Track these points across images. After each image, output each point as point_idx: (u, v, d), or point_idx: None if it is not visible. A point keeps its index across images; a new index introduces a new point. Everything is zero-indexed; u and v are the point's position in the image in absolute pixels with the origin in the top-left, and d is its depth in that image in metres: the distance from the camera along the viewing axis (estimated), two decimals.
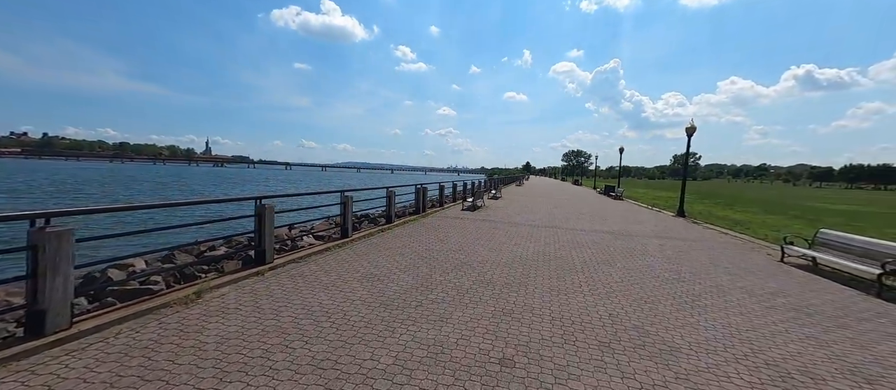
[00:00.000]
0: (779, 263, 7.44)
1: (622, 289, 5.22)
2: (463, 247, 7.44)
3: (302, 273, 5.04)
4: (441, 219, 11.33)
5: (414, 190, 12.02)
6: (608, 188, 30.53)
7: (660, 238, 9.92)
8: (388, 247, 7.11)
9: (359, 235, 7.79)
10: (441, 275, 5.41)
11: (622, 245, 8.60)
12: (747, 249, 8.87)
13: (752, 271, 6.67)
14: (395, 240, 7.76)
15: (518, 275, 5.69)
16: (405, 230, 9.09)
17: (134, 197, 26.92)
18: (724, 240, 9.99)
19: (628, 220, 13.58)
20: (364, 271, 5.36)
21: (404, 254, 6.55)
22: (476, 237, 8.68)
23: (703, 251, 8.37)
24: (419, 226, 9.94)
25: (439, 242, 7.84)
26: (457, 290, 4.79)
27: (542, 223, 11.68)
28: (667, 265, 6.83)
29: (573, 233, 9.92)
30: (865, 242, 6.31)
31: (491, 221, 11.52)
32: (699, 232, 11.47)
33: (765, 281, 6.03)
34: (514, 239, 8.71)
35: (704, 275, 6.21)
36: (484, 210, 14.63)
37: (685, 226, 12.83)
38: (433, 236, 8.51)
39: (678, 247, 8.64)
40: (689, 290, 5.33)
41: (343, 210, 7.18)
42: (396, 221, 10.06)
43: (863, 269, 5.85)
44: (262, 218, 4.90)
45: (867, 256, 6.10)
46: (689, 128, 16.05)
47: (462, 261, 6.30)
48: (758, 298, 5.11)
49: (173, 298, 3.69)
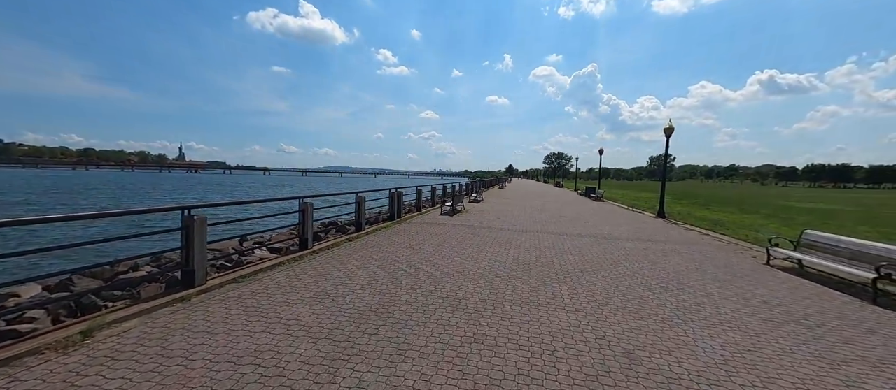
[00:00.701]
0: (765, 266, 7.16)
1: (608, 302, 4.70)
2: (436, 258, 6.81)
3: (239, 296, 4.28)
4: (417, 225, 10.67)
5: (388, 195, 11.30)
6: (589, 190, 30.61)
7: (643, 241, 9.59)
8: (352, 258, 6.40)
9: (321, 246, 7.04)
10: (407, 293, 4.76)
11: (605, 250, 8.17)
12: (730, 251, 8.61)
13: (740, 276, 6.33)
14: (362, 251, 7.05)
15: (495, 288, 5.10)
16: (376, 238, 8.38)
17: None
18: (706, 242, 9.75)
19: (610, 223, 13.30)
20: (317, 290, 4.64)
21: (369, 267, 5.86)
22: (452, 245, 8.06)
23: (687, 254, 8.05)
24: (392, 233, 9.25)
25: (411, 252, 7.18)
26: (423, 311, 4.15)
27: (523, 227, 11.20)
28: (653, 271, 6.41)
29: (554, 238, 9.46)
30: (854, 244, 6.06)
31: (470, 226, 10.94)
32: (681, 233, 11.25)
33: (755, 287, 5.67)
34: (492, 245, 8.15)
35: (693, 282, 5.80)
36: (464, 214, 14.06)
37: (666, 227, 12.63)
38: (405, 245, 7.84)
39: (662, 251, 8.29)
40: (679, 301, 4.88)
41: (302, 218, 6.42)
42: (367, 229, 9.34)
43: (854, 273, 5.57)
44: (190, 231, 4.12)
45: (857, 258, 5.83)
46: (667, 129, 16.01)
47: (433, 274, 5.67)
48: (752, 309, 4.70)
49: (48, 341, 2.87)
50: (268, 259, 5.75)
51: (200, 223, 4.20)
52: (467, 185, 24.94)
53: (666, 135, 16.00)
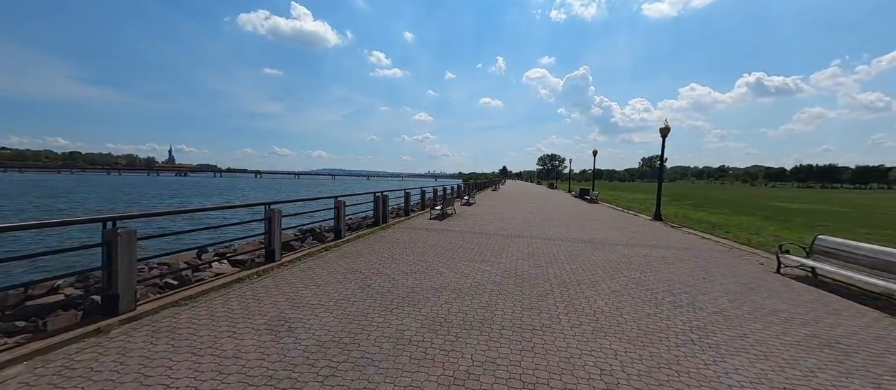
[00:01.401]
0: (775, 275, 6.62)
1: (612, 324, 4.09)
2: (420, 268, 6.15)
3: (174, 325, 3.57)
4: (403, 231, 10.00)
5: (372, 198, 10.62)
6: (583, 191, 30.20)
7: (642, 246, 9.04)
8: (324, 271, 5.70)
9: (293, 257, 6.34)
10: (381, 314, 4.09)
11: (604, 257, 7.59)
12: (735, 257, 8.09)
13: (752, 287, 5.77)
14: (338, 262, 6.36)
15: (482, 307, 4.46)
16: (355, 247, 7.69)
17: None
18: (708, 247, 9.23)
19: (606, 226, 12.76)
20: (272, 315, 3.95)
21: (341, 283, 5.17)
22: (439, 253, 7.41)
23: (691, 261, 7.49)
24: (375, 240, 8.56)
25: (392, 262, 6.51)
26: (395, 340, 3.49)
27: (516, 232, 10.59)
28: (658, 283, 5.83)
29: (549, 244, 8.86)
30: (875, 251, 5.53)
31: (459, 232, 10.31)
32: (681, 237, 10.74)
33: (772, 301, 5.11)
34: (483, 253, 7.52)
35: (703, 296, 5.22)
36: (454, 218, 13.42)
37: (664, 230, 12.13)
38: (387, 254, 7.17)
39: (664, 258, 7.73)
40: (691, 320, 4.28)
41: (268, 227, 5.72)
42: (348, 236, 8.64)
43: (878, 284, 5.04)
44: (113, 248, 3.41)
45: (880, 268, 5.31)
46: (663, 129, 15.58)
47: (414, 289, 5.01)
48: (776, 329, 4.12)
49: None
50: (226, 274, 5.04)
51: (127, 237, 3.49)
52: (459, 188, 24.32)
53: (662, 136, 15.57)
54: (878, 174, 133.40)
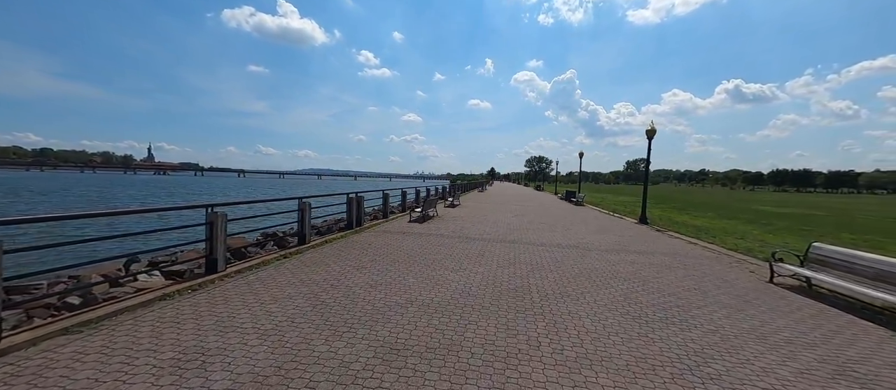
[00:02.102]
0: (768, 285, 6.23)
1: (598, 348, 3.54)
2: (387, 279, 5.50)
3: (48, 363, 2.82)
4: (377, 235, 9.32)
5: (346, 199, 9.89)
6: (569, 193, 30.01)
7: (628, 252, 8.59)
8: (273, 285, 4.99)
9: (242, 266, 5.60)
10: (327, 340, 3.43)
11: (589, 265, 7.09)
12: (725, 265, 7.71)
13: (746, 299, 5.33)
14: (294, 273, 5.66)
15: (451, 328, 3.85)
16: (319, 254, 6.98)
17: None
18: (696, 254, 8.86)
19: (592, 229, 12.35)
20: (190, 344, 3.23)
21: (290, 299, 4.48)
22: (412, 260, 6.78)
23: (680, 269, 7.06)
24: (343, 246, 7.86)
25: (357, 272, 5.84)
26: (336, 378, 2.84)
27: (499, 236, 10.04)
28: (647, 295, 5.33)
29: (533, 250, 8.32)
30: (878, 262, 5.16)
31: (439, 236, 9.69)
32: (667, 242, 10.37)
33: (770, 317, 4.66)
34: (461, 260, 6.92)
35: (696, 311, 4.74)
36: (436, 221, 12.79)
37: (650, 235, 11.78)
38: (353, 262, 6.49)
39: (652, 266, 7.28)
40: (686, 343, 3.77)
41: (210, 233, 4.98)
42: (315, 241, 7.91)
43: (882, 298, 4.64)
44: None
45: (883, 280, 4.93)
46: (649, 131, 15.33)
47: (375, 307, 4.36)
48: (781, 353, 3.63)
49: None
50: (151, 289, 4.28)
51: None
52: (444, 189, 23.72)
53: (648, 138, 15.31)
54: (848, 179, 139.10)
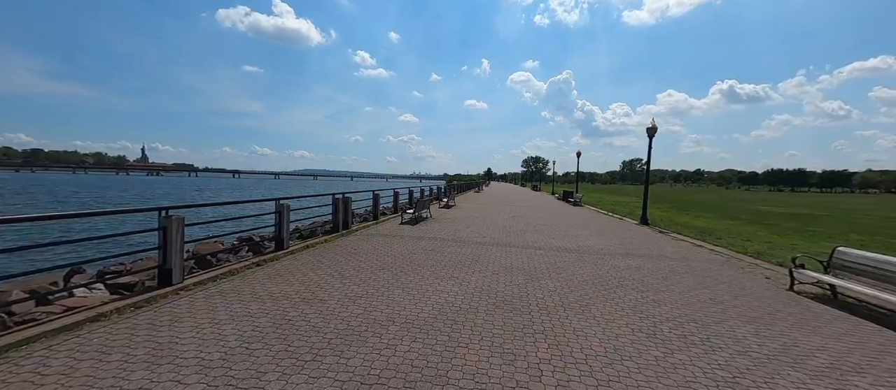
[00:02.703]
0: (789, 293, 5.69)
1: (611, 377, 2.96)
2: (369, 290, 4.90)
3: None
4: (365, 239, 8.71)
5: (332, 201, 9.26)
6: (566, 194, 29.53)
7: (634, 256, 8.04)
8: (236, 299, 4.37)
9: (203, 277, 4.96)
10: (282, 376, 2.82)
11: (592, 271, 6.52)
12: (737, 270, 7.17)
13: (772, 313, 4.77)
14: (263, 283, 5.03)
15: (437, 353, 3.26)
16: (297, 261, 6.35)
17: None
18: (704, 257, 8.32)
19: (592, 231, 11.80)
20: (105, 385, 2.61)
21: (252, 316, 3.86)
22: (400, 267, 6.18)
23: (691, 275, 6.51)
24: (326, 251, 7.24)
25: (336, 282, 5.23)
26: None
27: (495, 239, 9.46)
28: (658, 307, 4.77)
29: (530, 255, 7.75)
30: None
31: (431, 239, 9.09)
32: (672, 245, 9.84)
33: (802, 334, 4.10)
34: (452, 267, 6.33)
35: (717, 327, 4.17)
36: (429, 223, 12.20)
37: (654, 237, 11.24)
38: (334, 270, 5.87)
39: (660, 271, 6.73)
40: (714, 370, 3.19)
41: (163, 240, 4.34)
42: (294, 246, 7.28)
43: None
44: None
45: None
46: (650, 129, 14.84)
47: (349, 326, 3.76)
48: (825, 383, 3.07)
49: None
50: (85, 308, 3.63)
51: None
52: (439, 189, 23.13)
53: (649, 136, 14.82)
54: (842, 179, 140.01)
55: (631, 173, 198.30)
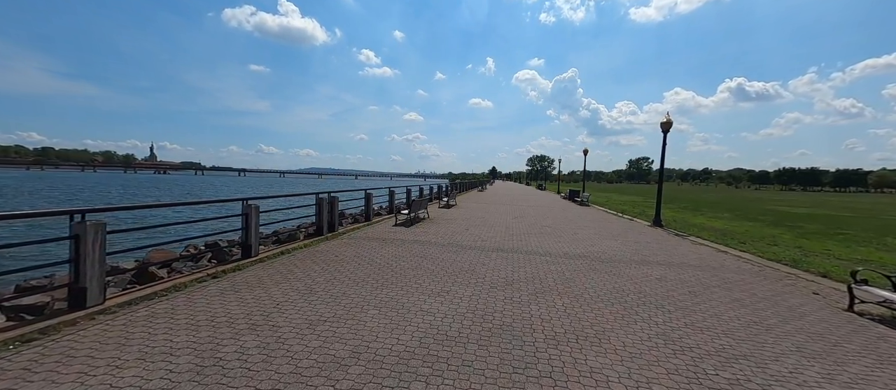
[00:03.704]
0: (849, 314, 4.72)
1: None
2: (338, 312, 4.03)
3: None
4: (350, 244, 7.84)
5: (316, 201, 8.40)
6: (572, 193, 28.47)
7: (652, 264, 7.09)
8: (163, 326, 3.51)
9: (140, 293, 4.12)
10: None
11: (607, 283, 5.59)
12: (775, 282, 6.19)
13: (838, 344, 3.82)
14: (211, 302, 4.18)
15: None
16: (264, 271, 5.50)
17: None
18: (733, 266, 7.33)
19: (602, 234, 10.84)
20: None
21: (172, 353, 3.00)
22: (384, 279, 5.30)
23: (722, 289, 5.55)
24: (302, 258, 6.38)
25: (301, 301, 4.37)
26: None
27: (496, 244, 8.55)
28: (693, 334, 3.84)
29: (535, 263, 6.83)
30: None
31: (425, 243, 8.21)
32: (693, 251, 8.85)
33: (888, 374, 3.15)
34: (444, 278, 5.43)
35: (776, 366, 3.23)
36: (426, 224, 11.31)
37: (670, 240, 10.25)
38: (304, 283, 5.01)
39: (685, 284, 5.77)
40: None
41: (76, 252, 3.48)
42: (266, 252, 6.44)
43: None
44: None
45: None
46: (664, 124, 13.83)
47: (299, 366, 2.89)
48: None
49: None
50: None
51: None
52: (441, 188, 22.25)
53: (663, 131, 13.80)
54: (857, 178, 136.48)
55: (637, 172, 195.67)
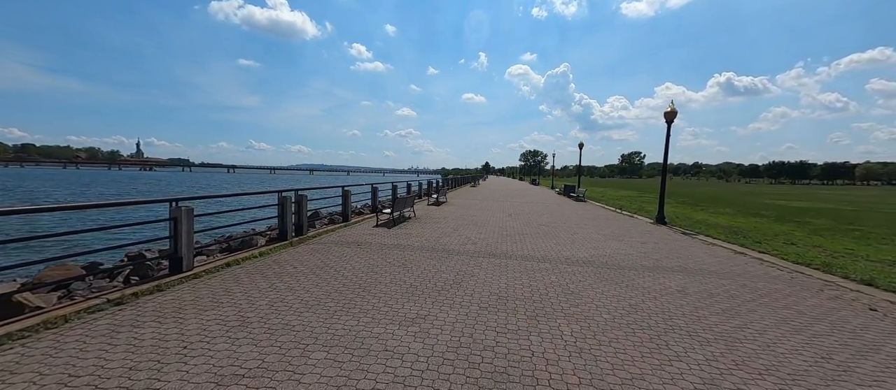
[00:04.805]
0: None
1: None
2: (267, 358, 2.93)
3: None
4: (318, 250, 6.71)
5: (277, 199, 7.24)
6: (568, 188, 27.57)
7: (665, 271, 6.11)
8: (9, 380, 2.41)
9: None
10: None
11: (620, 301, 4.56)
12: (818, 294, 5.24)
13: None
14: (88, 345, 3.06)
15: None
16: (193, 291, 4.36)
17: None
18: (760, 272, 6.39)
19: (604, 234, 9.86)
20: None
21: None
22: (343, 302, 4.21)
23: (762, 307, 4.57)
24: (251, 272, 5.24)
25: (223, 338, 3.26)
26: None
27: (487, 247, 7.50)
28: (749, 378, 2.85)
29: (533, 271, 5.79)
30: None
31: (406, 248, 7.12)
32: (706, 252, 7.90)
33: None
34: (424, 297, 4.36)
35: None
36: (411, 224, 10.22)
37: (678, 240, 9.31)
38: (238, 310, 3.89)
39: (713, 297, 4.78)
40: None
41: None
42: (211, 262, 5.29)
43: None
44: None
45: None
46: (668, 113, 12.90)
47: None
48: None
49: None
50: None
51: None
52: (430, 184, 21.13)
53: (667, 121, 12.89)
54: (844, 171, 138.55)
55: (629, 167, 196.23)
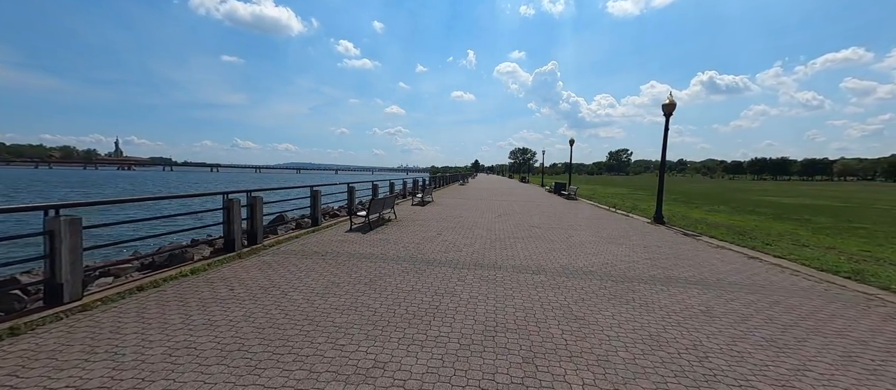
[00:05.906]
0: None
1: None
2: None
3: None
4: (268, 264, 5.58)
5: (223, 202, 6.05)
6: (558, 186, 26.82)
7: (680, 283, 5.19)
8: None
9: None
10: None
11: (637, 329, 3.59)
12: (866, 311, 4.39)
13: None
14: None
15: None
16: (61, 338, 3.21)
17: None
18: (787, 283, 5.53)
19: (601, 236, 8.96)
20: None
21: None
22: (275, 344, 3.13)
23: (812, 335, 3.66)
24: (169, 298, 4.10)
25: None
26: None
27: (473, 256, 6.47)
28: None
29: (527, 287, 4.79)
30: None
31: (379, 259, 6.04)
32: (720, 258, 7.05)
33: None
34: (388, 333, 3.31)
35: None
36: (389, 228, 9.14)
37: (683, 243, 8.45)
38: (105, 368, 2.78)
39: (748, 322, 3.86)
40: None
41: None
42: (118, 285, 4.13)
43: None
44: None
45: None
46: (666, 105, 12.05)
47: None
48: None
49: None
50: None
51: None
52: (415, 182, 20.04)
53: (665, 114, 12.04)
54: (822, 167, 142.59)
55: (617, 164, 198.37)
